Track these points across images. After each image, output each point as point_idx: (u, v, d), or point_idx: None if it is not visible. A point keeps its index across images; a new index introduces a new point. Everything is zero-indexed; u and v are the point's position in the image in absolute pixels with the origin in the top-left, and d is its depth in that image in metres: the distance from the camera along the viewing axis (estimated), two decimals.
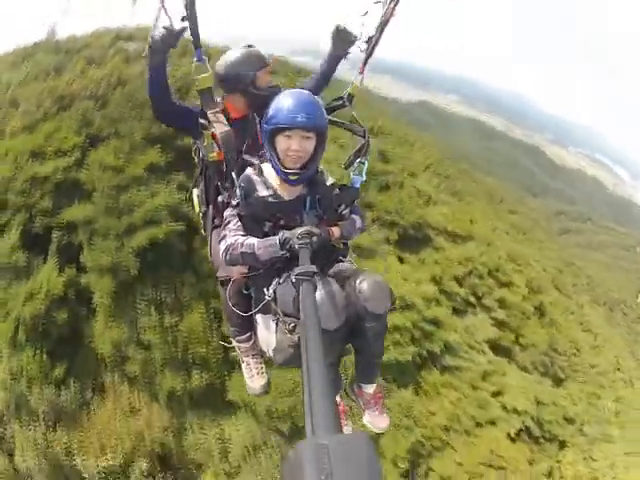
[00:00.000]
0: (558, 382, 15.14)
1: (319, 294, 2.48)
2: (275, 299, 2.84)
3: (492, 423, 12.56)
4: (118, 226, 10.12)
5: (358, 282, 2.73)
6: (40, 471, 9.63)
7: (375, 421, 3.26)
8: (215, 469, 10.33)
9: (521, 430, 13.20)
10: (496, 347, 14.40)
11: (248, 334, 3.79)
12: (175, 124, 3.79)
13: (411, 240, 13.76)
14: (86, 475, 9.62)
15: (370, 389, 3.20)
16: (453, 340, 12.42)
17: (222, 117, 3.16)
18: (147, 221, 10.01)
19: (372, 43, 3.37)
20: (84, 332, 10.47)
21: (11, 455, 10.05)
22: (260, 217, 2.91)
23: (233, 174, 2.93)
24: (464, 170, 32.75)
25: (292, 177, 2.82)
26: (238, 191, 2.88)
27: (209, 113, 3.13)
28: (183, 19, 2.86)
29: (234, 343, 3.98)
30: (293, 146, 2.73)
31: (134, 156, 10.64)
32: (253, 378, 4.09)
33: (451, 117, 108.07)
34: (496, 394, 13.19)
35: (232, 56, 3.40)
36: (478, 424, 12.32)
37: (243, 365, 4.11)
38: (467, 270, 14.44)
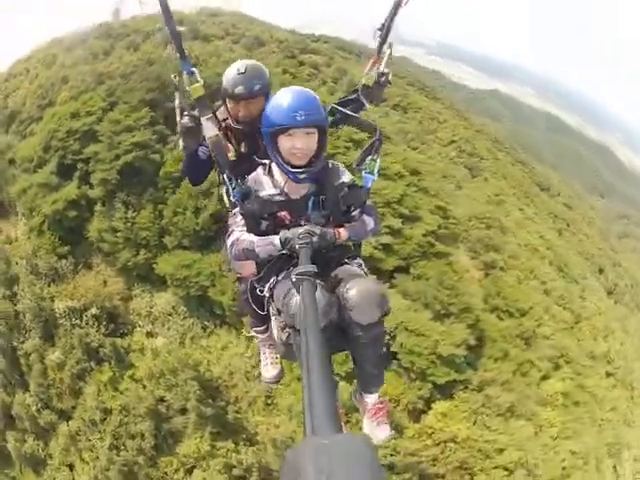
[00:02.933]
0: (440, 317, 15.84)
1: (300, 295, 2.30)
2: (272, 296, 2.89)
3: None
4: (110, 156, 15.81)
5: (346, 289, 2.62)
6: (29, 310, 15.19)
7: (373, 431, 3.18)
8: (141, 330, 15.11)
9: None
10: (377, 269, 15.46)
11: (264, 326, 3.97)
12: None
13: None
14: (57, 312, 14.97)
15: (369, 399, 3.14)
16: None
17: (215, 122, 3.26)
18: (126, 151, 15.67)
19: (385, 30, 3.34)
20: (85, 228, 16.11)
21: (15, 303, 15.84)
22: (257, 216, 2.88)
23: (224, 176, 2.99)
24: (521, 159, 34.83)
25: (300, 176, 2.75)
26: (232, 191, 2.92)
27: (202, 119, 3.22)
28: (171, 37, 3.06)
29: (252, 333, 4.21)
30: (297, 144, 2.67)
31: (131, 114, 16.49)
32: (267, 367, 4.27)
33: (523, 108, 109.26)
34: None
35: (230, 73, 3.55)
36: None
37: (260, 353, 4.38)
38: None
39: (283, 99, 2.69)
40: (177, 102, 3.34)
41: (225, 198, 3.68)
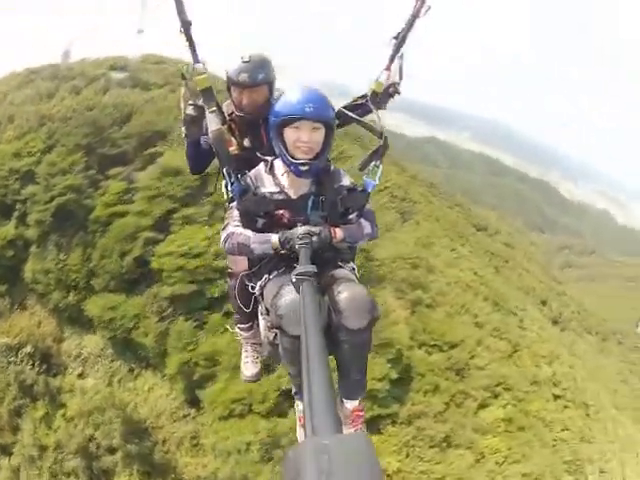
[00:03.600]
0: None
1: (293, 296, 2.50)
2: (262, 295, 2.97)
3: None
4: (46, 198, 16.42)
5: (336, 293, 2.67)
6: None
7: None
8: (72, 370, 15.73)
9: None
10: None
11: (249, 324, 4.01)
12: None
13: None
14: None
15: (349, 405, 3.12)
16: None
17: (219, 115, 3.30)
18: (60, 193, 16.26)
19: (400, 39, 3.35)
20: (21, 268, 16.72)
21: None
22: (253, 213, 2.95)
23: (224, 171, 3.02)
24: (458, 202, 36.40)
25: (302, 167, 2.81)
26: (230, 187, 2.99)
27: (207, 111, 3.24)
28: (181, 28, 3.09)
29: (235, 329, 4.19)
30: (303, 137, 2.75)
31: (67, 157, 17.10)
32: (247, 365, 4.27)
33: (461, 153, 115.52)
34: None
35: (235, 62, 3.57)
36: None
37: (242, 351, 4.35)
38: None
39: (294, 94, 2.78)
40: (183, 91, 3.38)
41: (224, 191, 3.63)
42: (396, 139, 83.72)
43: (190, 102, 3.35)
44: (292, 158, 2.82)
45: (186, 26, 3.09)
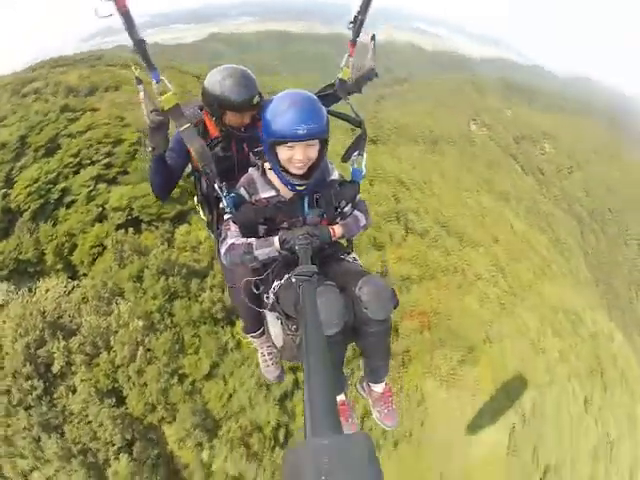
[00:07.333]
0: None
1: (323, 299, 2.50)
2: (278, 301, 2.89)
3: None
4: None
5: (358, 288, 2.66)
6: None
7: (384, 419, 3.29)
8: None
9: None
10: None
11: (260, 330, 4.12)
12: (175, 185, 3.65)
13: None
14: None
15: (379, 388, 3.24)
16: None
17: (195, 131, 3.10)
18: None
19: (358, 23, 3.24)
20: None
21: None
22: (253, 222, 2.91)
23: (216, 186, 2.91)
24: None
25: (298, 187, 2.77)
26: (225, 201, 2.89)
27: (180, 131, 3.04)
28: (134, 47, 2.76)
29: (249, 337, 4.29)
30: (297, 156, 2.66)
31: None
32: (268, 368, 4.39)
33: (242, 37, 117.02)
34: None
35: (226, 82, 3.30)
36: None
37: (259, 355, 4.43)
38: None
39: (285, 107, 2.62)
40: (142, 95, 2.95)
41: (201, 211, 3.79)
42: (180, 50, 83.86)
43: (152, 108, 3.01)
44: (287, 173, 2.76)
45: (140, 45, 2.80)
